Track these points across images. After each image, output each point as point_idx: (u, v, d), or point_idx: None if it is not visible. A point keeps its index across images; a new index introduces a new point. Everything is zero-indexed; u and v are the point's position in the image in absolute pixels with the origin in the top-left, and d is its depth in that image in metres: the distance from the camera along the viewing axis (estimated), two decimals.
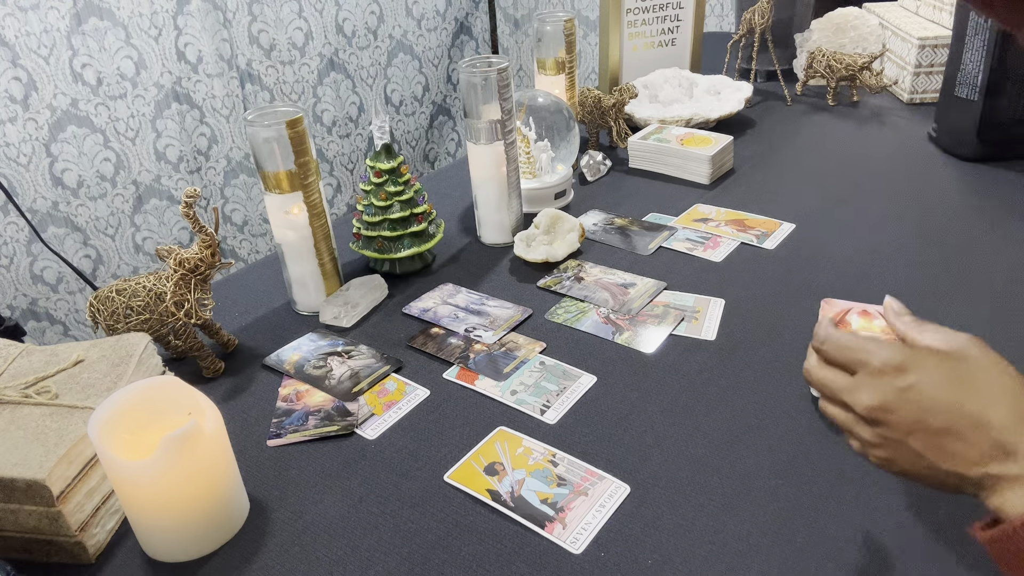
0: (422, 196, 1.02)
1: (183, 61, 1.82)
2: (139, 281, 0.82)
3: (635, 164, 1.30)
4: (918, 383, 0.50)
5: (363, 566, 0.62)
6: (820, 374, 0.56)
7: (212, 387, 0.84)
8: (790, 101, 1.53)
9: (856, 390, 0.52)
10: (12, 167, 1.63)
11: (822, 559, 0.60)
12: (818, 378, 0.56)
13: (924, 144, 1.30)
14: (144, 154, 1.81)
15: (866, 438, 0.53)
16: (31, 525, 0.62)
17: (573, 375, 0.82)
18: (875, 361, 0.51)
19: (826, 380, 0.55)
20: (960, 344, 0.52)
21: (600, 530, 0.63)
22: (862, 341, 0.53)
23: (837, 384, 0.54)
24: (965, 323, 0.85)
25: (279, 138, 0.85)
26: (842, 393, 0.53)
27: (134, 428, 0.63)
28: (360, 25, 2.15)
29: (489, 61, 0.99)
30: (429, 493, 0.69)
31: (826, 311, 0.83)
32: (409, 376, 0.84)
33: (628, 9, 1.47)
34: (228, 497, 0.65)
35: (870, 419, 0.52)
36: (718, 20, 2.22)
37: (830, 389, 0.55)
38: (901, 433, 0.50)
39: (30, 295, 1.72)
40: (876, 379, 0.51)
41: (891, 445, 0.51)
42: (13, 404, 0.68)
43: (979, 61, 1.14)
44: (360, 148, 2.25)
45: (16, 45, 1.57)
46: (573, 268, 1.01)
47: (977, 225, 1.04)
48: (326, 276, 0.95)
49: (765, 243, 1.04)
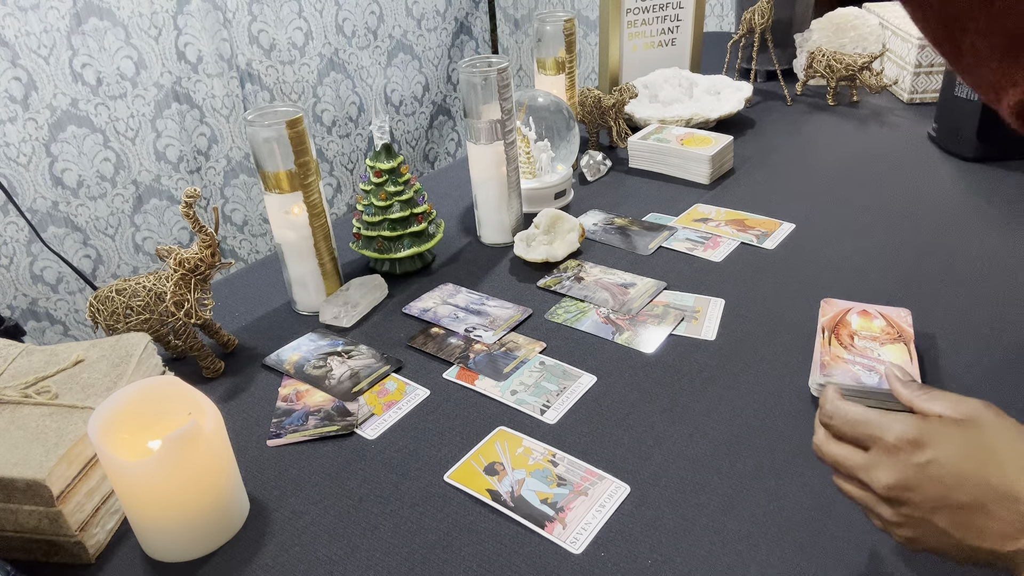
0: (422, 196, 1.02)
1: (183, 61, 1.82)
2: (139, 281, 0.82)
3: (635, 164, 1.30)
4: (937, 458, 0.47)
5: (363, 566, 0.62)
6: (832, 450, 0.53)
7: (212, 387, 0.84)
8: (790, 101, 1.53)
9: (872, 468, 0.50)
10: (12, 167, 1.63)
11: (822, 559, 0.60)
12: (830, 455, 0.53)
13: (924, 144, 1.30)
14: (144, 154, 1.81)
15: (887, 518, 0.50)
16: (31, 525, 0.62)
17: (573, 375, 0.82)
18: (889, 437, 0.49)
19: (839, 457, 0.52)
20: (973, 411, 0.49)
21: (600, 530, 0.63)
22: (872, 415, 0.51)
23: (851, 462, 0.51)
24: (965, 323, 0.85)
25: (279, 138, 0.85)
26: (858, 472, 0.51)
27: (134, 428, 0.63)
28: (360, 25, 2.15)
29: (489, 61, 0.99)
30: (429, 493, 0.69)
31: (826, 312, 0.83)
32: (409, 376, 0.84)
33: (628, 9, 1.47)
34: (228, 497, 0.65)
35: (890, 498, 0.49)
36: (718, 20, 2.22)
37: (844, 467, 0.52)
38: (925, 511, 0.48)
39: (30, 295, 1.72)
40: (892, 456, 0.49)
41: (915, 523, 0.49)
42: (13, 404, 0.68)
43: None
44: (360, 148, 2.25)
45: (16, 45, 1.57)
46: (573, 268, 1.01)
47: (977, 225, 1.04)
48: (326, 276, 0.95)
49: (765, 243, 1.04)
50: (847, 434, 0.52)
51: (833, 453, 0.53)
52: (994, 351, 0.80)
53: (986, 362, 0.79)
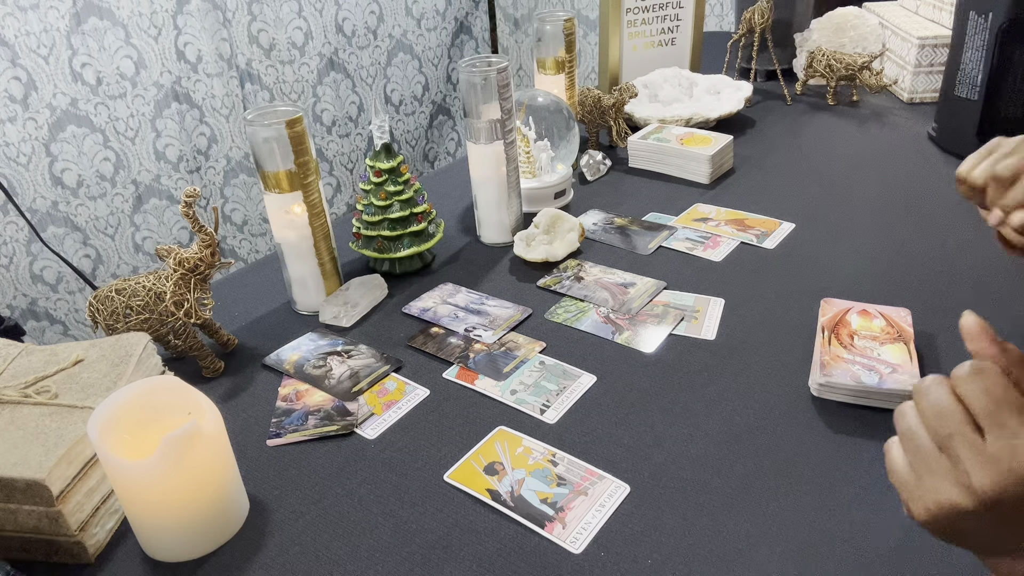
0: (422, 196, 1.02)
1: (183, 61, 1.82)
2: (139, 281, 0.82)
3: (635, 164, 1.30)
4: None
5: (363, 566, 0.62)
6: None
7: (212, 387, 0.84)
8: (790, 101, 1.53)
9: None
10: (12, 167, 1.63)
11: (822, 559, 0.60)
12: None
13: (924, 144, 1.30)
14: (144, 154, 1.81)
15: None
16: (31, 525, 0.62)
17: (573, 375, 0.82)
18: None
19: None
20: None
21: (600, 530, 0.63)
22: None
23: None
24: None
25: (279, 138, 0.85)
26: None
27: (134, 428, 0.63)
28: (360, 25, 2.15)
29: (489, 61, 0.99)
30: (429, 493, 0.69)
31: (826, 311, 0.83)
32: (409, 376, 0.84)
33: (628, 9, 1.47)
34: (228, 497, 0.65)
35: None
36: (718, 20, 2.22)
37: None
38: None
39: (30, 295, 1.72)
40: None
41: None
42: (13, 404, 0.68)
43: (979, 61, 1.14)
44: (360, 148, 2.25)
45: (16, 45, 1.57)
46: (573, 268, 1.01)
47: (977, 225, 1.04)
48: (326, 276, 0.95)
49: (765, 243, 1.04)
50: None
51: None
52: None
53: None
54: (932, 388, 0.44)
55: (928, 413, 0.43)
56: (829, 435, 0.71)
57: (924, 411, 0.44)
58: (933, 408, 0.43)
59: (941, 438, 0.42)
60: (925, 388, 0.44)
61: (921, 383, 0.44)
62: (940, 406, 0.43)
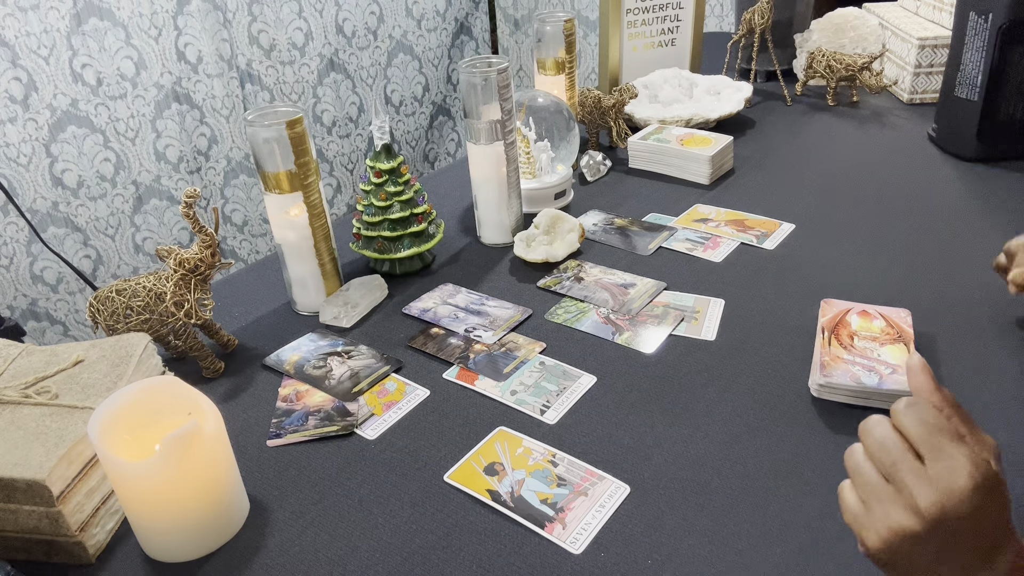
0: (422, 196, 1.02)
1: (183, 61, 1.82)
2: (139, 281, 0.82)
3: (635, 164, 1.30)
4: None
5: (363, 566, 0.62)
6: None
7: (212, 387, 0.84)
8: (790, 101, 1.53)
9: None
10: (12, 167, 1.63)
11: (822, 559, 0.60)
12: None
13: (924, 144, 1.30)
14: (144, 154, 1.81)
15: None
16: (31, 525, 0.62)
17: (573, 375, 0.82)
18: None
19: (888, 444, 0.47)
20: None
21: (600, 530, 0.63)
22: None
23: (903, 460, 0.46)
24: (965, 323, 0.85)
25: (279, 138, 0.85)
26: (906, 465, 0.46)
27: (134, 428, 0.63)
28: (360, 25, 2.15)
29: (489, 61, 0.99)
30: (429, 493, 0.69)
31: (826, 312, 0.83)
32: (409, 376, 0.84)
33: (628, 9, 1.47)
34: (228, 497, 0.65)
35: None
36: (718, 20, 2.22)
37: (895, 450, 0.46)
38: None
39: (30, 295, 1.72)
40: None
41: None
42: (13, 404, 0.68)
43: (979, 61, 1.14)
44: (360, 148, 2.25)
45: (16, 45, 1.57)
46: (573, 268, 1.01)
47: (977, 225, 1.04)
48: (326, 276, 0.95)
49: (765, 243, 1.04)
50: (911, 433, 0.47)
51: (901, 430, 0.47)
52: (994, 351, 0.80)
53: (986, 362, 0.79)
54: (875, 425, 0.48)
55: (873, 447, 0.47)
56: (829, 436, 0.71)
57: (869, 446, 0.48)
58: (877, 442, 0.47)
59: (886, 468, 0.46)
60: (869, 427, 0.48)
61: (865, 423, 0.49)
62: (883, 439, 0.47)
